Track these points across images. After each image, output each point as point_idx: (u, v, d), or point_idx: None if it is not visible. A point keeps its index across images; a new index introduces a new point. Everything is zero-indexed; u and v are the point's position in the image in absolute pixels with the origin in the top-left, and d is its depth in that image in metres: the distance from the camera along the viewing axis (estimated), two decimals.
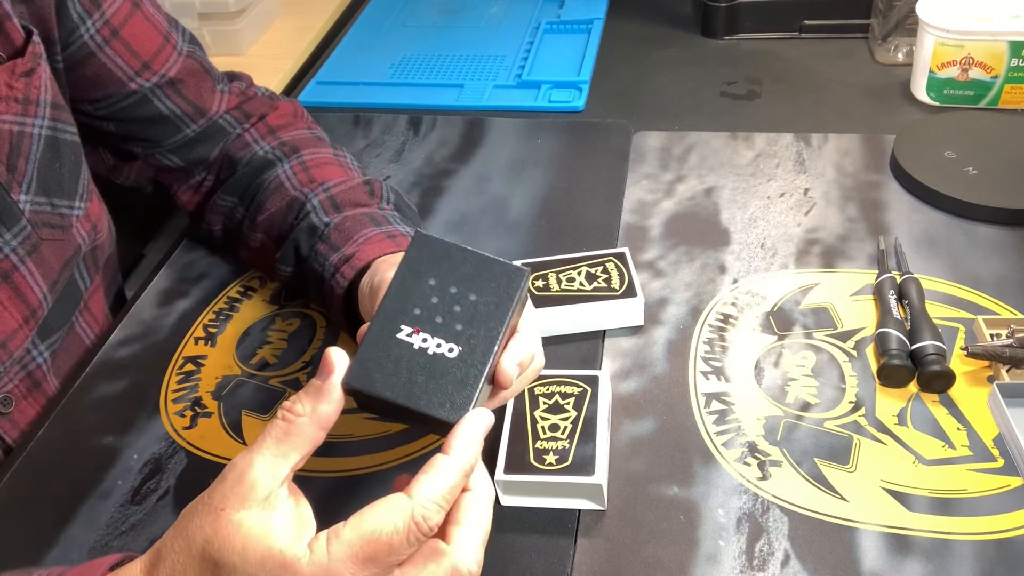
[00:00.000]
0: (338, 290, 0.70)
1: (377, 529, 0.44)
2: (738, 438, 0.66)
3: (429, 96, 1.12)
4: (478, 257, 0.51)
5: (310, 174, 0.79)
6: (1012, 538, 0.59)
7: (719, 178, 0.93)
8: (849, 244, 0.83)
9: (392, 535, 0.44)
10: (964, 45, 0.97)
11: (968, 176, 0.87)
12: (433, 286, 0.50)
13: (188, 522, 0.46)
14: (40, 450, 0.71)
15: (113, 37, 0.76)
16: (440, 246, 0.52)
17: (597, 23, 1.23)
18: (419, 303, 0.50)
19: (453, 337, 0.49)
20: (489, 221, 0.90)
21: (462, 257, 0.51)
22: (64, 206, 0.75)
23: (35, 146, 0.71)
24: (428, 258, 0.51)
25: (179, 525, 0.47)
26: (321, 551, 0.44)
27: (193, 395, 0.74)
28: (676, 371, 0.72)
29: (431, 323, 0.50)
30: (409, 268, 0.51)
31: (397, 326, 0.49)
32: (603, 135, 1.01)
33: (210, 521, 0.45)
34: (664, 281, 0.81)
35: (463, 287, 0.50)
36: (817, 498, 0.62)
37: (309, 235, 0.75)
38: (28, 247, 0.72)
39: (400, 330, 0.49)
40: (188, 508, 0.47)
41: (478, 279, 0.51)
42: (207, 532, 0.45)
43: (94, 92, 0.78)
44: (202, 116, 0.83)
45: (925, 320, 0.71)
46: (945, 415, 0.67)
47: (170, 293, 0.85)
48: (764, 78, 1.10)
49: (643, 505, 0.62)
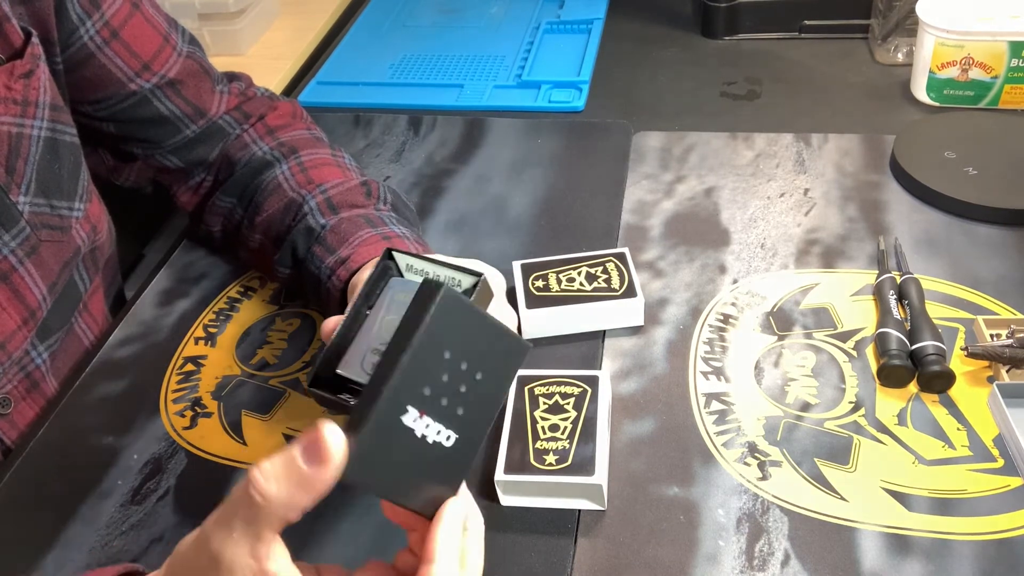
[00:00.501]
0: (334, 292, 0.70)
1: None
2: (738, 438, 0.66)
3: (429, 96, 1.12)
4: (495, 330, 0.47)
5: (308, 175, 0.79)
6: (1012, 538, 0.59)
7: (719, 178, 0.93)
8: (849, 244, 0.83)
9: None
10: (964, 45, 0.97)
11: (968, 176, 0.87)
12: (447, 360, 0.45)
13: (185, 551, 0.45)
14: (40, 450, 0.71)
15: (113, 38, 0.76)
16: (465, 313, 0.46)
17: (597, 23, 1.23)
18: (431, 382, 0.45)
19: (454, 424, 0.46)
20: (489, 221, 0.90)
21: (480, 327, 0.47)
22: (63, 207, 0.75)
23: (34, 147, 0.71)
24: (450, 325, 0.45)
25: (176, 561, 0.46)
26: None
27: (193, 395, 0.74)
28: (676, 371, 0.72)
29: (437, 407, 0.45)
30: (430, 337, 0.44)
31: (405, 407, 0.44)
32: (603, 135, 1.01)
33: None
34: (664, 281, 0.81)
35: (473, 364, 0.46)
36: (817, 498, 0.62)
37: (306, 237, 0.75)
38: (27, 248, 0.72)
39: (407, 411, 0.44)
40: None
41: (488, 355, 0.47)
42: (213, 548, 0.43)
43: (94, 93, 0.78)
44: (202, 117, 0.83)
45: (925, 320, 0.71)
46: (945, 415, 0.67)
47: (170, 293, 0.85)
48: (764, 78, 1.10)
49: (643, 505, 0.62)
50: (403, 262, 0.57)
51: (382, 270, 0.57)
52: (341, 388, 0.54)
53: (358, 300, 0.56)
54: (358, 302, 0.55)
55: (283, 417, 0.72)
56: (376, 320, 0.54)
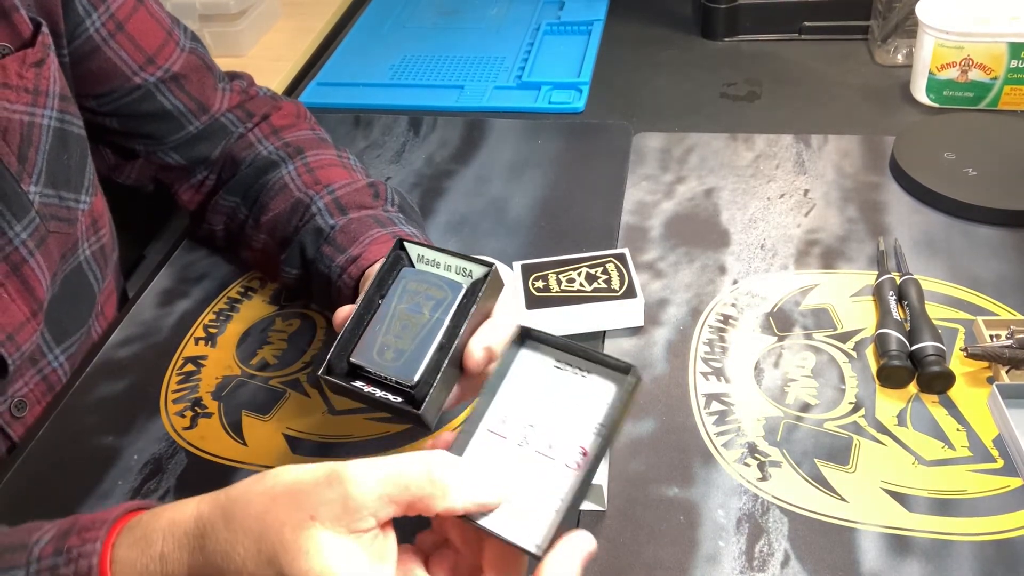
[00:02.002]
0: (345, 290, 0.70)
1: None
2: (738, 439, 0.67)
3: (429, 97, 1.12)
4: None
5: (315, 176, 0.79)
6: (1012, 538, 0.59)
7: (719, 179, 0.93)
8: (849, 245, 0.83)
9: None
10: (963, 47, 0.97)
11: (967, 177, 0.87)
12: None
13: (264, 509, 0.43)
14: (40, 450, 0.71)
15: (118, 31, 0.77)
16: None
17: (597, 24, 1.23)
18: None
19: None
20: (489, 222, 0.90)
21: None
22: (71, 199, 0.75)
23: (44, 137, 0.71)
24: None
25: (248, 503, 0.43)
26: None
27: (193, 395, 0.74)
28: (676, 372, 0.72)
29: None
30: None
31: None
32: (603, 136, 1.01)
33: (294, 525, 0.42)
34: (664, 282, 0.81)
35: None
36: (817, 499, 0.62)
37: (315, 237, 0.75)
38: (37, 239, 0.72)
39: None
40: (263, 488, 0.43)
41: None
42: (286, 537, 0.42)
43: (99, 87, 0.78)
44: (204, 113, 0.83)
45: (925, 321, 0.71)
46: (945, 416, 0.67)
47: (170, 293, 0.85)
48: (764, 79, 1.10)
49: (643, 505, 0.63)
50: (414, 252, 0.57)
51: (394, 259, 0.57)
52: (354, 376, 0.55)
53: (371, 289, 0.56)
54: (371, 291, 0.56)
55: (283, 417, 0.72)
56: (389, 309, 0.55)
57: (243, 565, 0.42)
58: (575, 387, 0.48)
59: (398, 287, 0.55)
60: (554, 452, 0.46)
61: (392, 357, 0.53)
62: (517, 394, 0.48)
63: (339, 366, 0.54)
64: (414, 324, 0.53)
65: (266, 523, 0.42)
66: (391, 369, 0.52)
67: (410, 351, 0.52)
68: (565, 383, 0.48)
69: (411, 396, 0.52)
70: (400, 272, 0.56)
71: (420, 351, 0.52)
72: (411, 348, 0.52)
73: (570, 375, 0.48)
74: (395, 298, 0.55)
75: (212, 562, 0.43)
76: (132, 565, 0.45)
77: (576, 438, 0.46)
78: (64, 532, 0.47)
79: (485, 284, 0.53)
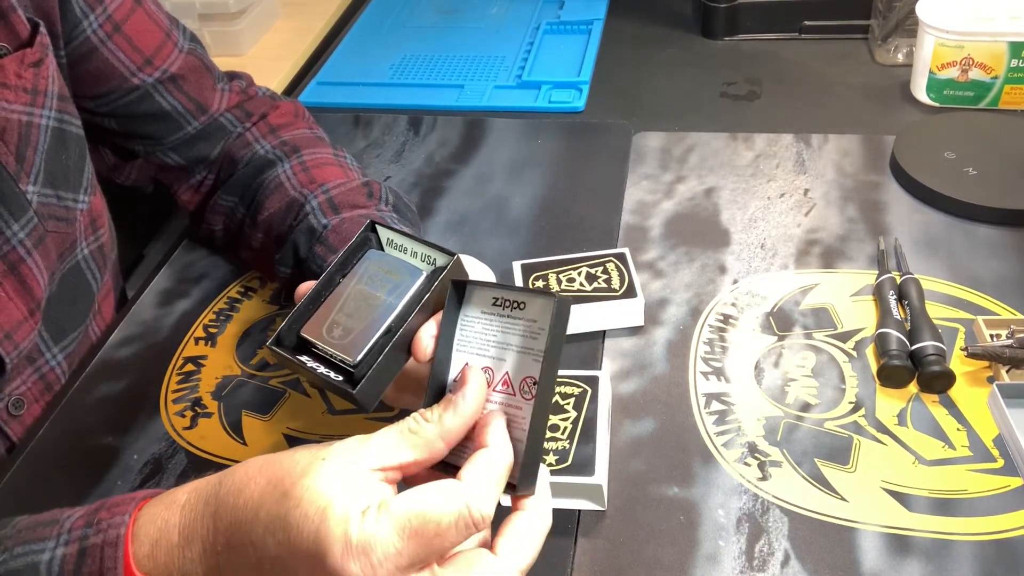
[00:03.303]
0: None
1: (427, 508, 0.43)
2: (738, 438, 0.66)
3: (429, 96, 1.12)
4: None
5: (310, 174, 0.79)
6: (1012, 538, 0.59)
7: (719, 179, 0.93)
8: (849, 245, 0.83)
9: (441, 516, 0.43)
10: (964, 46, 0.97)
11: (968, 177, 0.87)
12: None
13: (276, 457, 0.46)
14: (40, 450, 0.71)
15: (115, 32, 0.77)
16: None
17: (597, 24, 1.23)
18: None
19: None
20: (489, 221, 0.90)
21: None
22: (69, 199, 0.75)
23: (43, 137, 0.72)
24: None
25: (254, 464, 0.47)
26: (371, 518, 0.43)
27: (193, 395, 0.74)
28: (676, 371, 0.72)
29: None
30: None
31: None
32: (603, 136, 1.01)
33: (304, 462, 0.45)
34: (664, 281, 0.81)
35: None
36: (817, 498, 0.62)
37: (308, 237, 0.75)
38: (35, 239, 0.72)
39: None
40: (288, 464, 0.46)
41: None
42: (295, 467, 0.45)
43: (96, 88, 0.78)
44: (203, 113, 0.83)
45: (925, 320, 0.71)
46: (945, 415, 0.67)
47: (170, 293, 0.85)
48: (764, 79, 1.10)
49: (643, 505, 0.63)
50: (384, 236, 0.57)
51: (362, 240, 0.57)
52: (303, 351, 0.55)
53: (333, 267, 0.56)
54: (332, 269, 0.56)
55: (283, 417, 0.72)
56: (347, 288, 0.55)
57: (252, 495, 0.45)
58: (513, 324, 0.51)
59: (360, 268, 0.55)
60: (513, 389, 0.50)
61: (339, 335, 0.53)
62: (466, 348, 0.52)
63: (288, 339, 0.54)
64: (368, 305, 0.53)
65: (278, 459, 0.46)
66: (336, 346, 0.52)
67: (357, 331, 0.52)
68: (503, 323, 0.51)
69: (351, 376, 0.52)
70: (365, 254, 0.56)
71: (367, 332, 0.52)
72: (359, 328, 0.52)
73: (507, 314, 0.51)
74: (355, 278, 0.55)
75: (225, 501, 0.46)
76: (152, 518, 0.48)
77: (524, 370, 0.49)
78: (95, 509, 0.50)
79: (444, 273, 0.53)
